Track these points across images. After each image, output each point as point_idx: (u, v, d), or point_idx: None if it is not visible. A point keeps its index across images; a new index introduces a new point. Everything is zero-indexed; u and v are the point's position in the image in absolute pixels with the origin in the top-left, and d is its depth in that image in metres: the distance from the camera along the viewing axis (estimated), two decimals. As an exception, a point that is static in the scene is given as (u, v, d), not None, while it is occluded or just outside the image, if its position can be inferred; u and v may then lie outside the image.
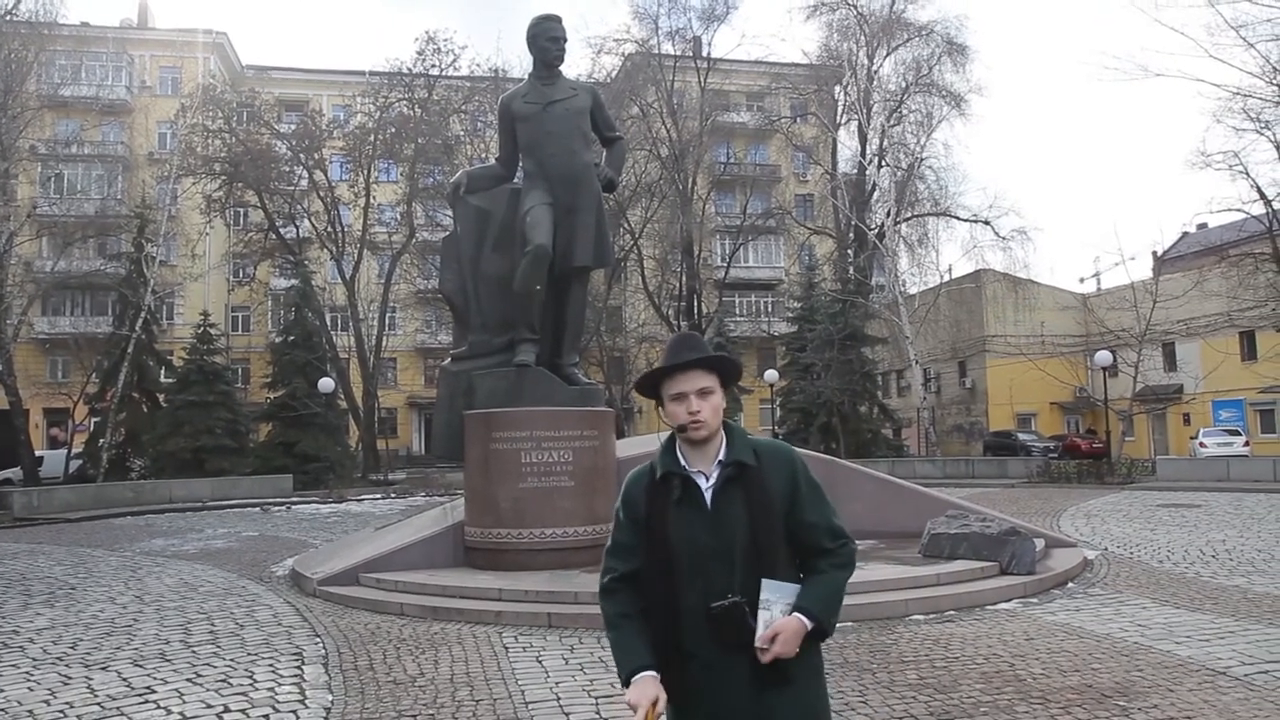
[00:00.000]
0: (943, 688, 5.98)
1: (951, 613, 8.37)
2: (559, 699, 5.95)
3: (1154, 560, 11.32)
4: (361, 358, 39.54)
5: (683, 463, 2.56)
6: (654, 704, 2.42)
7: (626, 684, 2.48)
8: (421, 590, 9.45)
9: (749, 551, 2.46)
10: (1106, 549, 12.33)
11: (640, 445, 13.23)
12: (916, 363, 38.24)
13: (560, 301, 11.54)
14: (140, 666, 6.98)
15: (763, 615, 2.44)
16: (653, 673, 2.47)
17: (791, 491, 2.55)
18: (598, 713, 5.67)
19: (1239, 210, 30.26)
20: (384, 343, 41.27)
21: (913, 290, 41.28)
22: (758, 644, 2.41)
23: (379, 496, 28.06)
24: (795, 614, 2.46)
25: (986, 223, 39.64)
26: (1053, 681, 6.05)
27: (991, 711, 5.44)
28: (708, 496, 2.52)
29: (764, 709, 2.48)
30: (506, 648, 7.41)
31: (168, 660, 7.19)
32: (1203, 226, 44.91)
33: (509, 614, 8.47)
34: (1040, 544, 10.70)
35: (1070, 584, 9.73)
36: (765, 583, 2.46)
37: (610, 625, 2.60)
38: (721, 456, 2.56)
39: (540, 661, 6.94)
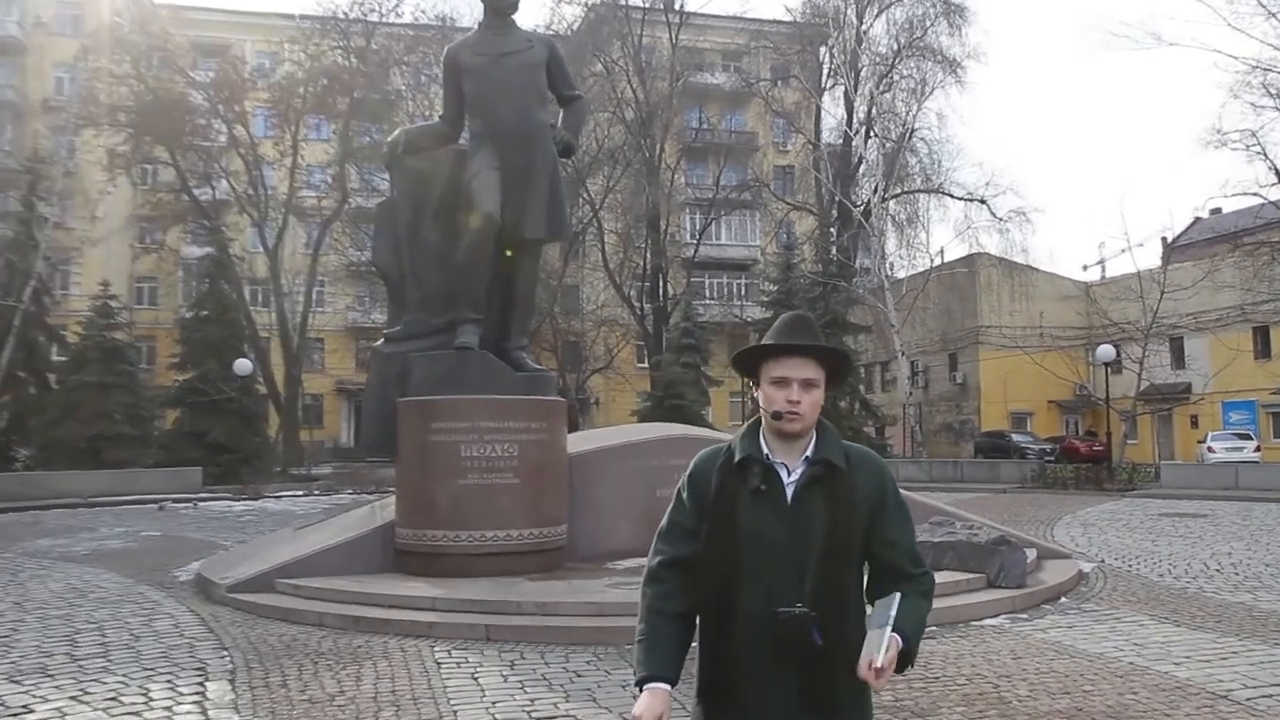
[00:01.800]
0: (920, 710, 6.04)
1: (933, 629, 8.43)
2: (496, 720, 5.91)
3: (1154, 574, 11.53)
4: (284, 337, 39.14)
5: (765, 451, 2.58)
6: None
7: (639, 688, 2.47)
8: (344, 598, 9.39)
9: (823, 559, 2.48)
10: (1104, 561, 12.56)
11: (598, 439, 13.21)
12: (903, 354, 38.64)
13: (509, 278, 11.49)
14: (17, 683, 6.85)
15: (888, 636, 2.39)
16: (668, 686, 2.47)
17: (879, 504, 2.58)
18: (539, 737, 5.66)
19: (1256, 194, 30.92)
20: (310, 321, 40.92)
21: (900, 274, 41.73)
22: (882, 662, 2.34)
23: (300, 493, 27.86)
24: (894, 635, 2.44)
25: (982, 202, 40.18)
26: (1040, 704, 6.13)
27: (972, 737, 5.52)
28: (789, 491, 2.54)
29: None
30: (439, 663, 7.37)
31: (49, 675, 7.06)
32: (1216, 211, 45.79)
33: (442, 626, 8.42)
34: (1032, 555, 10.86)
35: (1063, 599, 9.88)
36: (894, 600, 2.46)
37: (642, 616, 2.58)
38: (809, 453, 2.58)
39: (476, 679, 6.91)
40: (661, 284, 42.94)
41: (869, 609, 2.52)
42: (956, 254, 45.90)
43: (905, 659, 2.47)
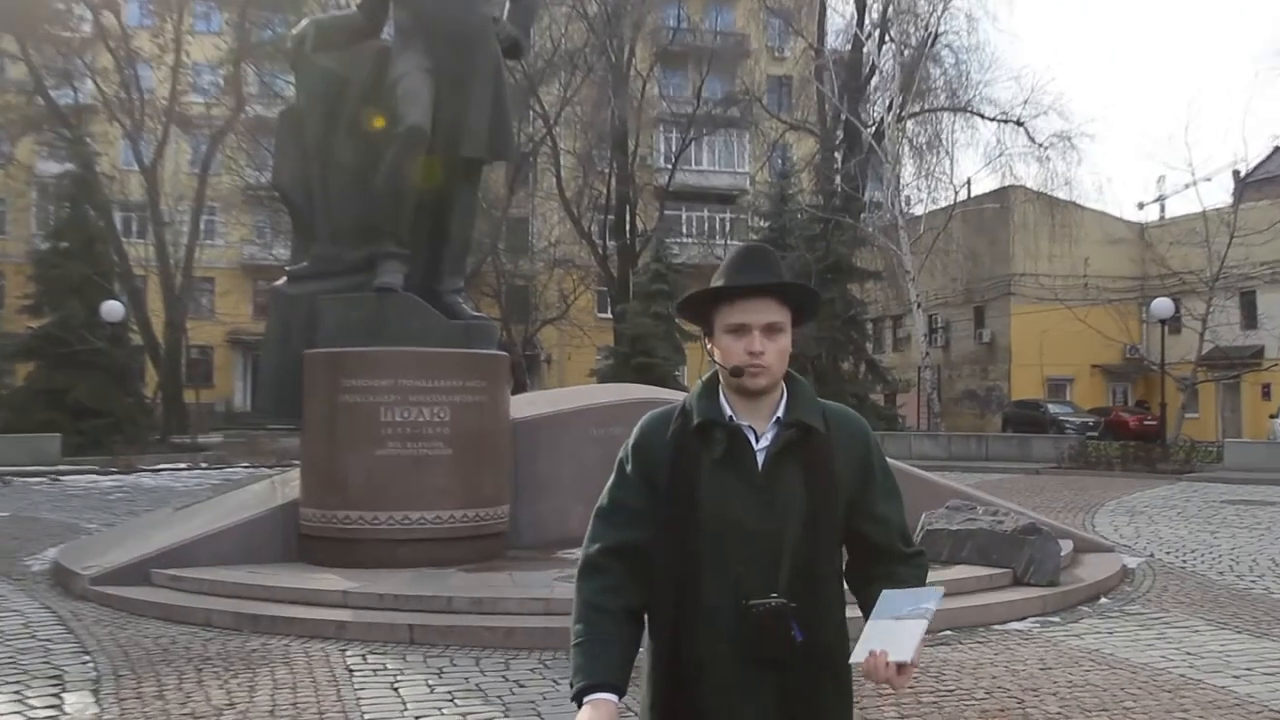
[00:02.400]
0: (931, 730, 6.11)
1: (947, 633, 8.57)
2: (420, 740, 5.94)
3: (1212, 571, 11.75)
4: (165, 275, 38.75)
5: (729, 412, 2.58)
6: None
7: (577, 702, 2.45)
8: (236, 592, 9.39)
9: (802, 540, 2.50)
10: (1153, 555, 12.78)
11: (548, 403, 13.22)
12: (919, 306, 38.86)
13: (442, 206, 11.44)
14: None
15: (922, 626, 2.43)
16: (614, 697, 2.45)
17: (864, 473, 2.62)
18: (471, 759, 5.69)
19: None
20: (197, 256, 40.50)
21: (918, 210, 41.85)
22: (912, 657, 2.37)
23: (184, 467, 27.72)
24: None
25: (1019, 124, 40.29)
26: (1073, 724, 6.23)
27: (992, 761, 5.61)
28: (760, 459, 2.55)
29: None
30: (351, 670, 7.39)
31: None
32: (1300, 140, 46.21)
33: (356, 625, 8.45)
34: (1067, 547, 11.02)
35: (1103, 599, 10.05)
36: (890, 593, 2.50)
37: (579, 615, 2.57)
38: (780, 414, 2.59)
39: (396, 690, 6.94)
40: (628, 218, 42.85)
41: (870, 599, 2.53)
42: (986, 187, 46.20)
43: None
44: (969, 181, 45.52)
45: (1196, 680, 7.18)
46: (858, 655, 2.39)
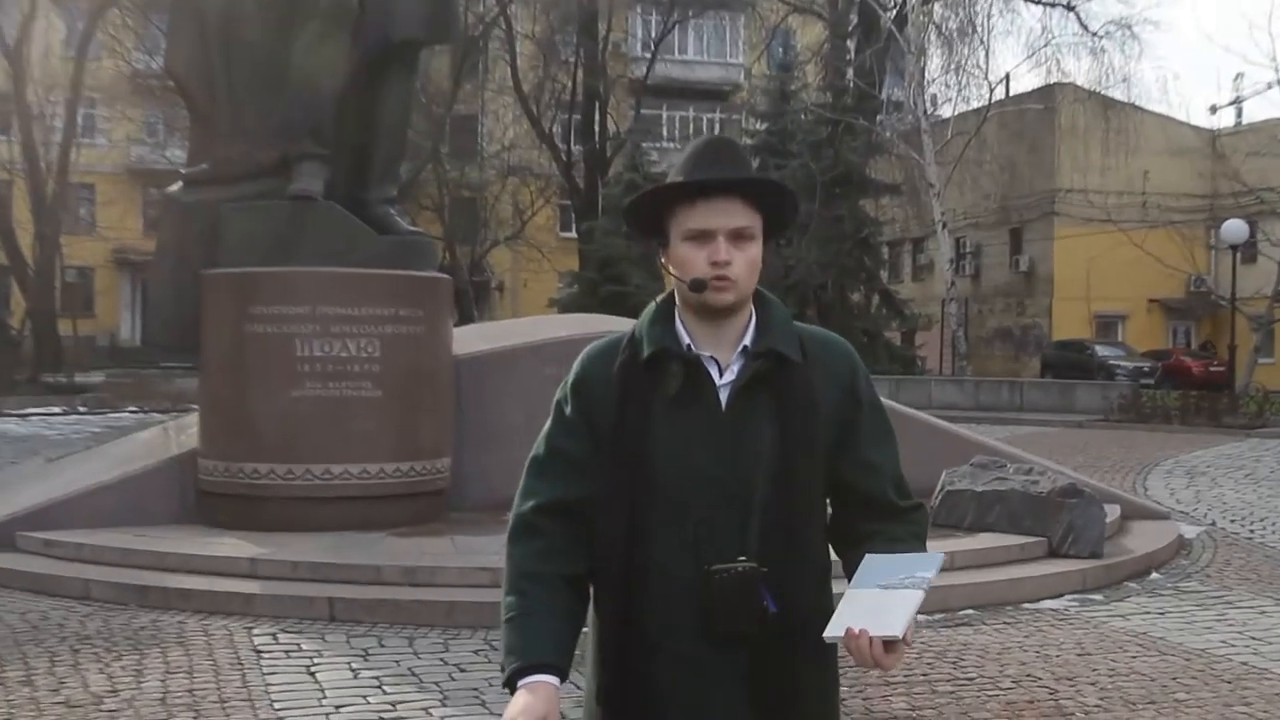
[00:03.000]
0: (946, 723, 6.22)
1: (969, 612, 8.67)
2: (339, 733, 5.99)
3: (1284, 543, 11.91)
4: (34, 180, 38.37)
5: (686, 340, 2.58)
6: None
7: (510, 687, 2.47)
8: (122, 559, 9.39)
9: (774, 492, 2.51)
10: (1214, 524, 12.93)
11: (499, 336, 13.21)
12: (945, 228, 38.91)
13: (370, 98, 11.35)
14: None
15: (918, 596, 2.41)
16: (555, 680, 2.48)
17: (850, 412, 2.61)
18: (402, 755, 5.75)
19: None
20: (74, 158, 40.09)
21: (945, 112, 41.75)
22: (904, 632, 2.36)
23: (59, 411, 27.68)
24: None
25: (1069, 7, 40.21)
26: (1114, 718, 6.33)
27: (1018, 760, 5.71)
28: (722, 397, 2.55)
29: None
30: (259, 651, 7.42)
31: None
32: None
33: (266, 599, 8.48)
34: (1113, 513, 11.13)
35: (1154, 574, 10.16)
36: (875, 558, 2.49)
37: (510, 585, 2.58)
38: (748, 341, 2.58)
39: (313, 674, 6.97)
40: (598, 117, 42.62)
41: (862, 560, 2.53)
42: (1028, 85, 46.11)
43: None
44: (1007, 77, 45.72)
45: (1262, 669, 7.29)
46: (832, 630, 2.37)
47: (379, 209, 11.45)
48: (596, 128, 42.52)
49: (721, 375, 2.56)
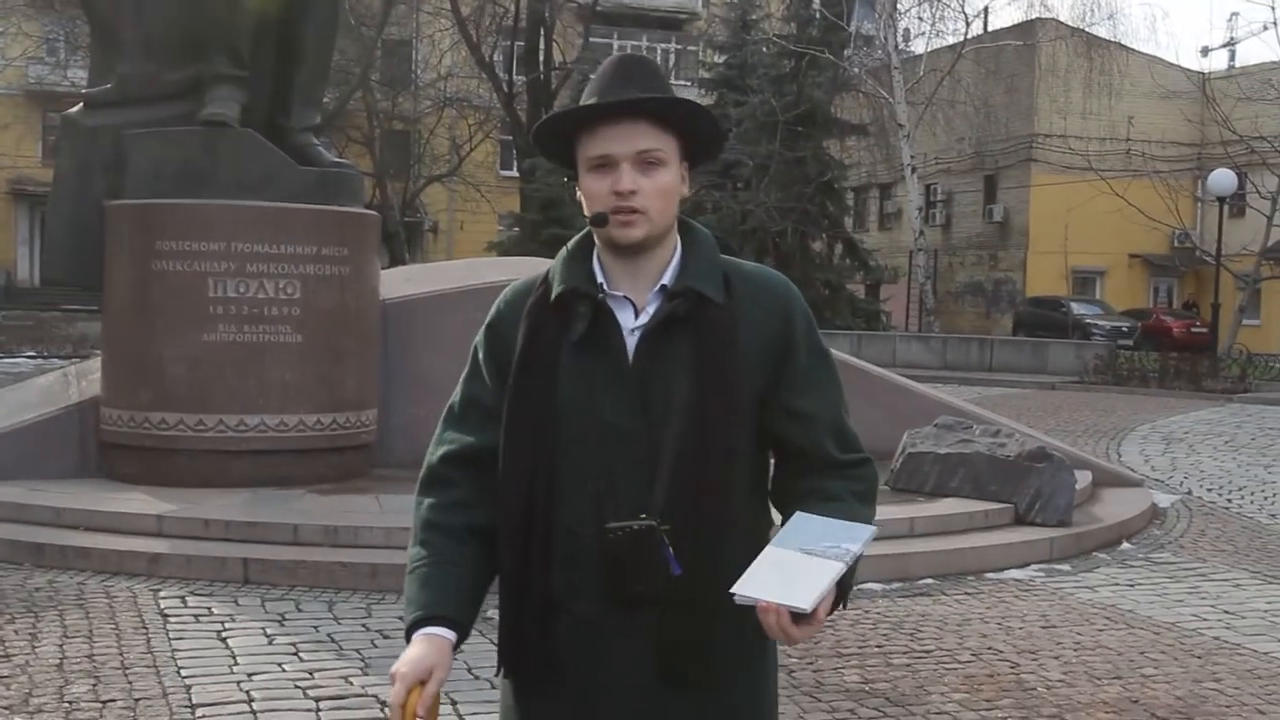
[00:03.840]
0: (899, 697, 6.31)
1: (928, 581, 8.79)
2: (251, 701, 6.02)
3: (1263, 513, 12.15)
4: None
5: (599, 279, 2.56)
6: (421, 684, 2.43)
7: (408, 639, 2.52)
8: (15, 515, 9.36)
9: (686, 447, 2.49)
10: (1190, 492, 13.16)
11: (431, 280, 13.15)
12: (914, 172, 39.07)
13: (292, 15, 11.23)
14: None
15: (836, 567, 2.40)
16: (446, 631, 2.50)
17: (780, 358, 2.58)
18: (318, 725, 5.77)
19: None
20: (-33, 77, 39.46)
21: (918, 47, 41.86)
22: (811, 606, 2.34)
23: (-51, 355, 27.31)
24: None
25: (1053, -63, 40.13)
26: (1076, 693, 6.45)
27: (975, 737, 5.80)
28: (631, 342, 2.53)
29: (659, 714, 2.52)
30: (166, 615, 7.43)
31: None
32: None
33: (174, 559, 8.47)
34: (1085, 479, 11.27)
35: (1125, 544, 10.33)
36: (799, 518, 2.47)
37: (416, 537, 2.62)
38: (667, 279, 2.56)
39: (224, 640, 6.99)
40: (543, 45, 42.30)
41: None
42: (1007, 19, 46.16)
43: (844, 596, 2.48)
44: (986, 11, 45.84)
45: (1234, 644, 7.44)
46: (741, 588, 2.35)
47: (300, 138, 11.36)
48: (541, 56, 42.16)
49: (636, 318, 2.54)
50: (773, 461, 2.71)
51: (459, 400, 2.68)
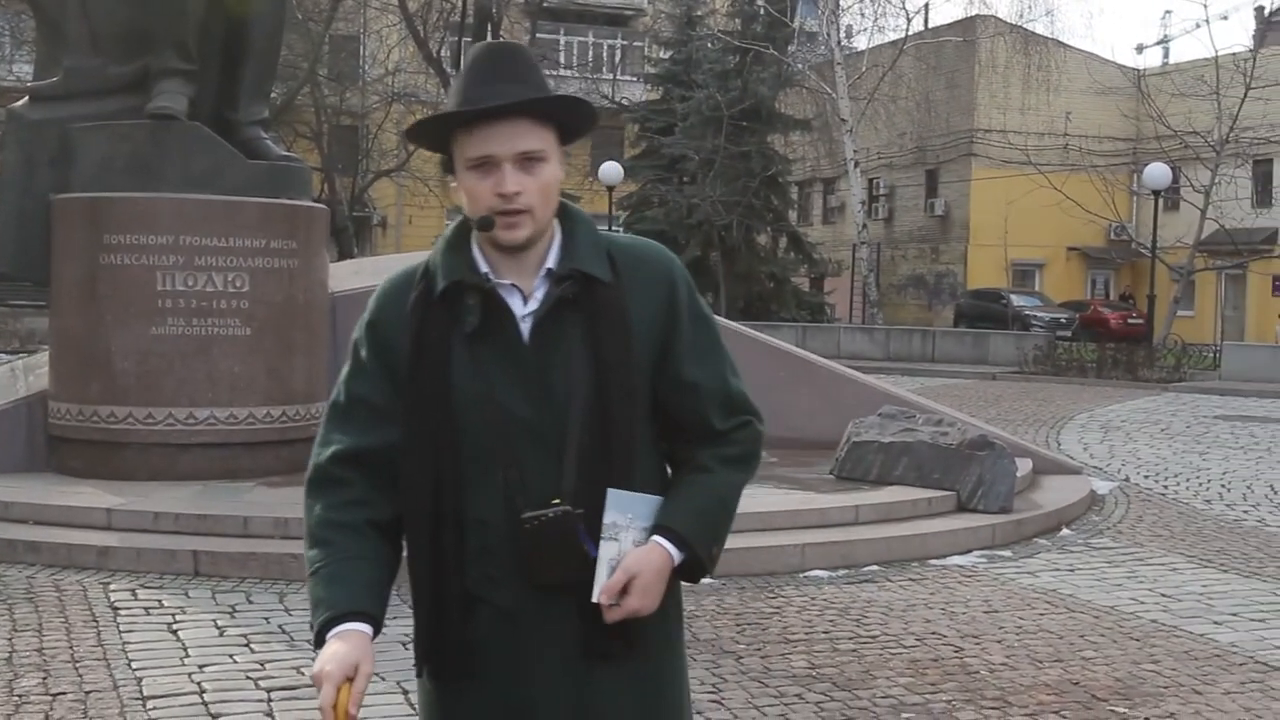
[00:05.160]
0: (845, 682, 6.34)
1: (873, 568, 8.84)
2: (203, 692, 6.00)
3: (1198, 499, 12.28)
4: None
5: (484, 269, 2.54)
6: (349, 680, 2.39)
7: (320, 643, 2.46)
8: (-37, 509, 9.28)
9: (589, 427, 2.48)
10: (1128, 479, 13.28)
11: (376, 272, 13.06)
12: (857, 166, 39.21)
13: (240, 11, 11.16)
14: None
15: (608, 549, 2.46)
16: (362, 625, 2.46)
17: (667, 327, 2.56)
18: (270, 716, 5.75)
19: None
20: (-90, 72, 38.97)
21: (860, 43, 42.09)
22: (599, 597, 2.44)
23: (-105, 350, 27.02)
24: (655, 540, 2.50)
25: (993, -65, 40.38)
26: (1018, 676, 6.51)
27: (918, 719, 5.83)
28: (525, 328, 2.51)
29: (589, 694, 2.52)
30: (116, 608, 7.39)
31: None
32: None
33: (124, 553, 8.43)
34: (1025, 467, 11.35)
35: (1065, 529, 10.42)
36: (612, 494, 2.48)
37: (312, 539, 2.57)
38: (551, 263, 2.53)
39: (174, 632, 6.96)
40: (490, 39, 42.13)
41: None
42: (947, 16, 46.41)
43: (694, 570, 2.55)
44: (926, 8, 45.90)
45: (1171, 626, 7.52)
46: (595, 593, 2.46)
47: (248, 131, 11.31)
48: (488, 52, 42.06)
49: (526, 305, 2.51)
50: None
51: (343, 399, 2.62)
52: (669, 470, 2.66)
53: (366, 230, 49.77)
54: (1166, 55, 52.66)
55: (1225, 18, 58.22)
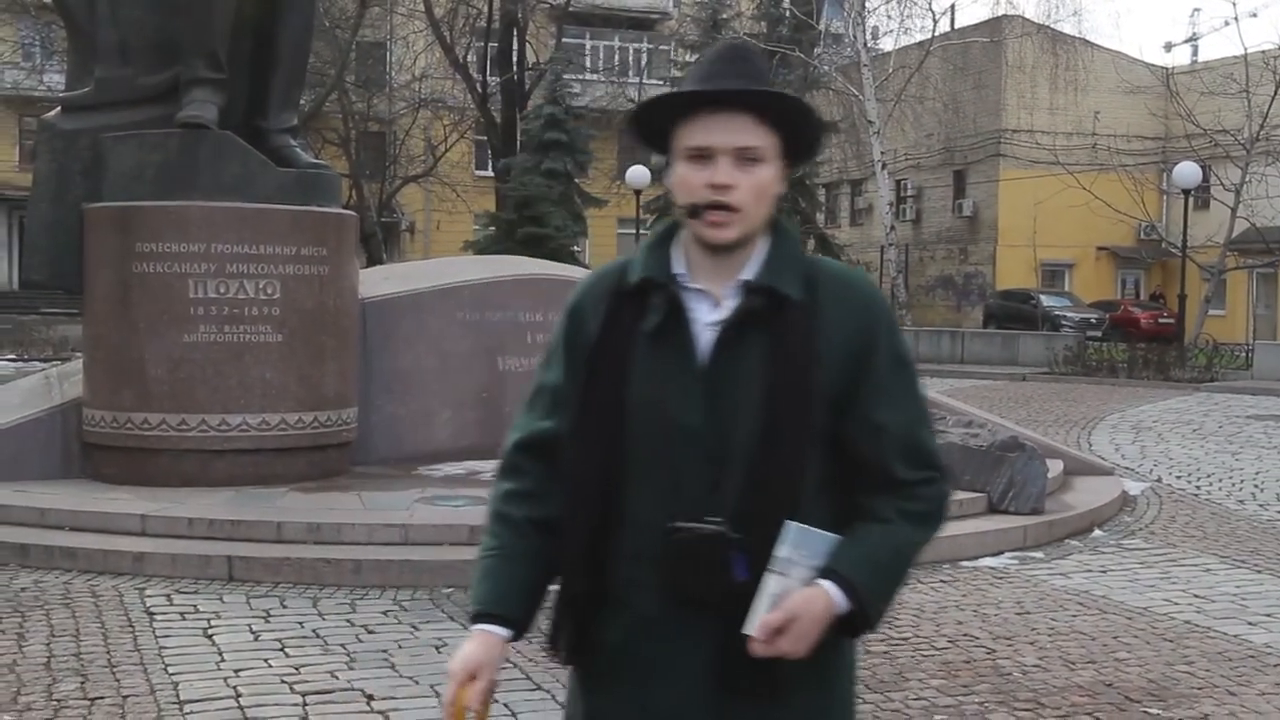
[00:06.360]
0: (879, 684, 6.33)
1: (905, 569, 8.83)
2: (238, 696, 6.01)
3: (1231, 500, 12.20)
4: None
5: (679, 269, 2.50)
6: (471, 680, 2.45)
7: (471, 625, 2.53)
8: (1, 517, 9.29)
9: (758, 449, 2.41)
10: (1160, 480, 13.20)
11: (409, 279, 13.12)
12: (884, 168, 39.12)
13: (268, 17, 11.21)
14: None
15: (774, 583, 2.37)
16: (499, 629, 2.49)
17: (858, 364, 2.46)
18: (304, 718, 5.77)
19: None
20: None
21: (886, 45, 41.97)
22: (753, 630, 2.34)
23: (-71, 359, 27.19)
24: (823, 585, 2.39)
25: (1019, -65, 40.28)
26: (1051, 677, 6.49)
27: (953, 721, 5.83)
28: (704, 337, 2.46)
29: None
30: (152, 613, 7.40)
31: None
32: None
33: (159, 558, 8.45)
34: (1056, 468, 11.31)
35: (1098, 530, 10.37)
36: (793, 529, 2.38)
37: (487, 526, 2.62)
38: (748, 275, 2.47)
39: (210, 637, 6.97)
40: (516, 46, 42.28)
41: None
42: (974, 16, 46.34)
43: (856, 623, 2.43)
44: (952, 8, 45.70)
45: (1205, 628, 7.48)
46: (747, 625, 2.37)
47: (278, 139, 11.32)
48: (515, 58, 42.14)
49: (711, 312, 2.46)
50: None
51: (534, 387, 2.64)
52: (839, 516, 2.51)
53: (395, 236, 49.89)
54: (1195, 53, 52.39)
55: (1255, 15, 58.02)
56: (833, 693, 2.55)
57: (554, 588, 2.57)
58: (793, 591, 2.36)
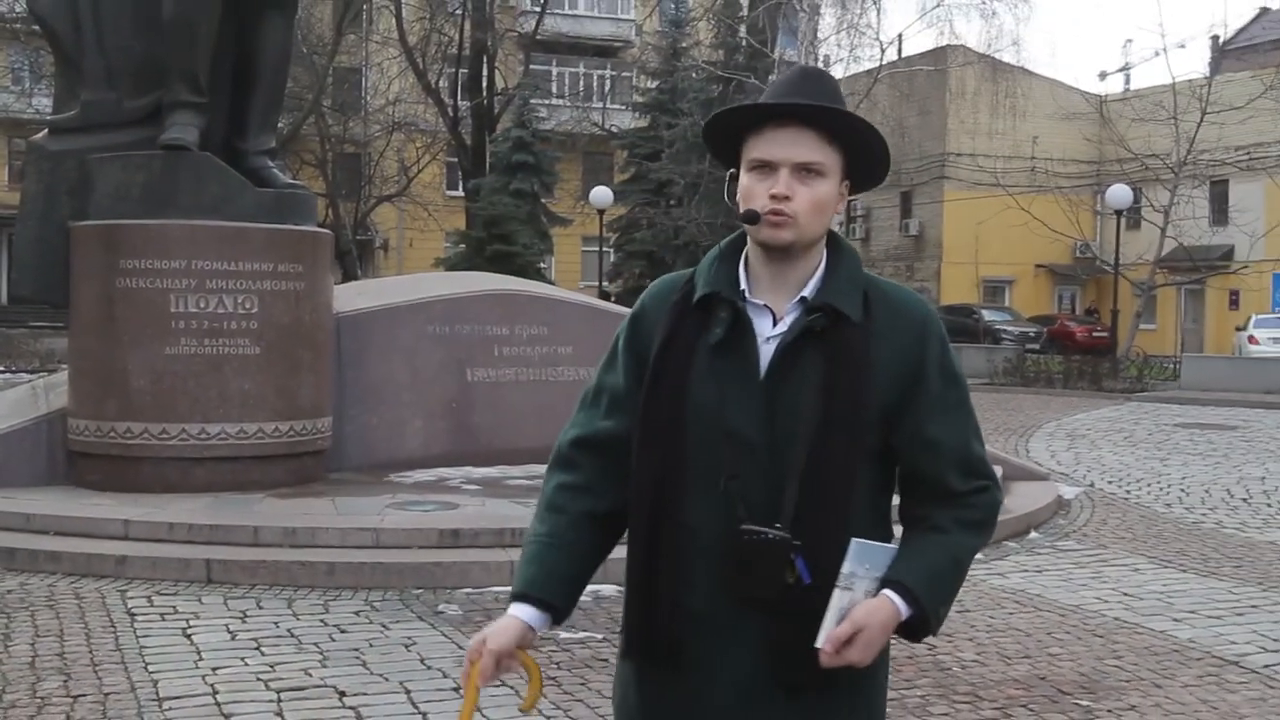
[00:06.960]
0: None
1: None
2: (215, 693, 6.01)
3: (1159, 503, 12.33)
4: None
5: (743, 285, 2.50)
6: (491, 656, 2.46)
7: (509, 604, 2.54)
8: (-13, 521, 9.28)
9: (816, 459, 2.41)
10: (1093, 485, 13.34)
11: (382, 294, 13.12)
12: (835, 190, 39.11)
13: (248, 44, 11.23)
14: None
15: (840, 598, 2.38)
16: (533, 611, 2.50)
17: (911, 381, 2.48)
18: (280, 715, 5.76)
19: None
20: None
21: (837, 72, 41.91)
22: (823, 644, 2.36)
23: (-79, 370, 26.95)
24: (886, 594, 2.40)
25: (962, -31, 40.51)
26: (989, 672, 6.56)
27: (894, 714, 5.83)
28: (765, 351, 2.47)
29: (771, 715, 2.48)
30: (133, 614, 7.41)
31: None
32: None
33: (140, 561, 8.45)
34: (995, 474, 11.40)
35: (1033, 533, 10.49)
36: (856, 545, 2.39)
37: (536, 514, 2.63)
38: (808, 291, 2.49)
39: (189, 636, 6.97)
40: (486, 72, 42.23)
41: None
42: (919, 46, 46.60)
43: (918, 629, 2.46)
44: (900, 38, 45.86)
45: (1133, 624, 7.57)
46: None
47: (257, 160, 11.31)
48: (484, 83, 42.08)
49: (773, 327, 2.48)
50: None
51: (593, 385, 2.63)
52: (892, 523, 2.58)
53: (369, 253, 49.77)
54: (1128, 82, 52.96)
55: (1183, 46, 58.51)
56: (875, 681, 2.59)
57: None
58: (857, 604, 2.38)
